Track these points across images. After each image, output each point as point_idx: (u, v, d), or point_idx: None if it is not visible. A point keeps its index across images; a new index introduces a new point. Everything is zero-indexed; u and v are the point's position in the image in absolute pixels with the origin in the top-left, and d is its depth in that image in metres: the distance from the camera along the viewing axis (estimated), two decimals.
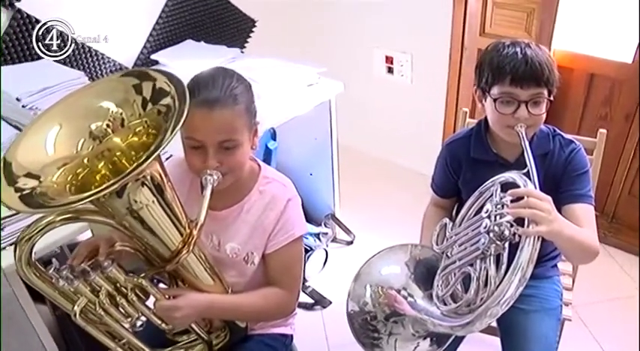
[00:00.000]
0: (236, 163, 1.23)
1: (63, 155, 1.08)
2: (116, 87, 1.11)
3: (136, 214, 1.04)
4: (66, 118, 1.10)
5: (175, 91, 1.01)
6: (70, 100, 1.14)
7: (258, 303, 1.32)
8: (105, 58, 2.37)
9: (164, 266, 1.14)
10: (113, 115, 1.09)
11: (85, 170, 1.08)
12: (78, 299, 1.13)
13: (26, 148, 1.07)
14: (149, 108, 1.05)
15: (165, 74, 1.06)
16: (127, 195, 1.01)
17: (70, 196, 1.02)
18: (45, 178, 1.03)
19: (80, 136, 1.09)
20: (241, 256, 1.34)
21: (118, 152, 1.09)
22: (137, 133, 1.07)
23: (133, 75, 1.11)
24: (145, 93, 1.06)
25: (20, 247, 1.08)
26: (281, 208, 1.32)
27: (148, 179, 1.02)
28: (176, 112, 0.98)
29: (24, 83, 1.96)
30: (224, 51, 2.47)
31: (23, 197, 0.97)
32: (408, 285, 1.43)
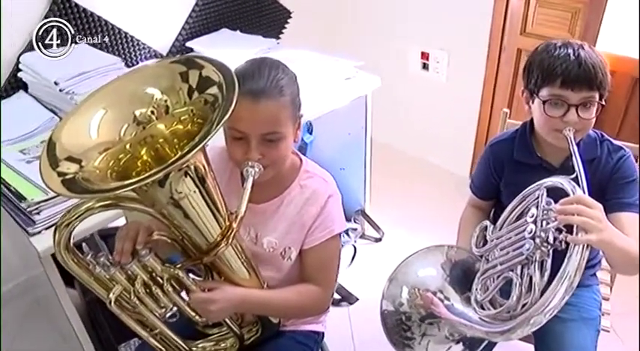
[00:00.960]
0: (279, 156, 1.21)
1: (106, 140, 1.06)
2: (162, 73, 1.09)
3: (176, 203, 1.02)
4: (111, 103, 1.08)
5: (223, 81, 0.99)
6: (116, 85, 1.12)
7: (292, 299, 1.30)
8: (140, 45, 2.36)
9: (201, 258, 1.12)
10: (158, 101, 1.07)
11: (127, 156, 1.06)
12: (113, 286, 1.13)
13: (70, 130, 1.06)
14: (195, 97, 1.03)
15: (214, 63, 1.04)
16: (169, 184, 0.99)
17: (111, 182, 1.00)
18: (87, 162, 1.02)
19: (124, 121, 1.07)
20: (278, 251, 1.32)
21: (161, 139, 1.07)
22: (182, 121, 1.05)
23: (180, 62, 1.09)
24: (191, 81, 1.04)
25: (59, 232, 1.07)
26: (321, 204, 1.29)
27: (191, 169, 1.00)
28: (223, 103, 0.95)
29: (61, 67, 1.96)
30: (260, 41, 2.45)
31: (66, 181, 0.95)
32: (444, 287, 1.40)
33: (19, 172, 1.62)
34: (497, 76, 2.67)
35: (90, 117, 1.07)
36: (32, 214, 1.50)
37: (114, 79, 1.13)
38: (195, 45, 2.44)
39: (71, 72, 1.92)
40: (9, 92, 2.10)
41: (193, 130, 1.03)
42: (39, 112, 1.96)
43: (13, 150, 1.75)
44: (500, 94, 2.68)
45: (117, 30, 2.27)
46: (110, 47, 2.28)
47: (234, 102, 0.94)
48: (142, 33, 2.35)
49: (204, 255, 1.11)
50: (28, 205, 1.50)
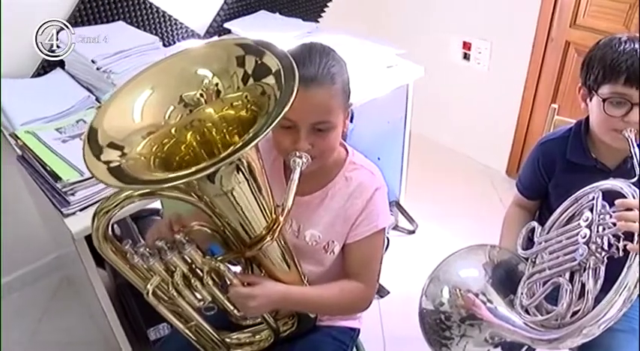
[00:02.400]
0: (327, 147, 1.16)
1: (150, 123, 1.02)
2: (216, 55, 1.03)
3: (224, 195, 0.98)
4: (158, 83, 1.04)
5: (282, 71, 0.93)
6: (165, 64, 1.07)
7: (334, 296, 1.26)
8: (178, 24, 2.33)
9: (243, 252, 1.08)
10: (208, 84, 1.02)
11: (172, 140, 1.02)
12: (151, 277, 1.10)
13: (113, 113, 1.01)
14: (250, 83, 0.98)
15: (274, 51, 0.97)
16: (219, 177, 0.95)
17: (154, 169, 0.96)
18: (130, 149, 0.97)
19: (170, 103, 1.03)
20: (321, 245, 1.27)
21: (209, 123, 1.02)
22: (234, 106, 0.99)
23: (238, 45, 1.03)
24: (247, 66, 0.98)
25: (98, 219, 1.04)
26: (367, 197, 1.24)
27: (243, 162, 0.96)
28: (281, 94, 0.89)
29: (99, 45, 1.93)
30: (299, 24, 2.39)
31: (112, 170, 0.91)
32: (486, 289, 1.36)
33: (55, 151, 1.59)
34: (541, 69, 2.58)
35: (134, 98, 1.02)
36: (67, 195, 1.47)
37: (163, 58, 1.08)
38: (233, 26, 2.40)
39: (109, 50, 1.89)
40: (46, 69, 2.08)
41: (246, 117, 0.98)
42: (75, 90, 1.94)
43: (49, 128, 1.72)
44: (544, 88, 2.59)
45: (155, 9, 2.24)
46: (148, 26, 2.25)
47: (294, 94, 0.88)
48: (180, 12, 2.32)
49: (247, 249, 1.07)
50: (63, 185, 1.47)
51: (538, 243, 1.33)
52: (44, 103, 1.85)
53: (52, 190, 1.52)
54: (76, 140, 1.66)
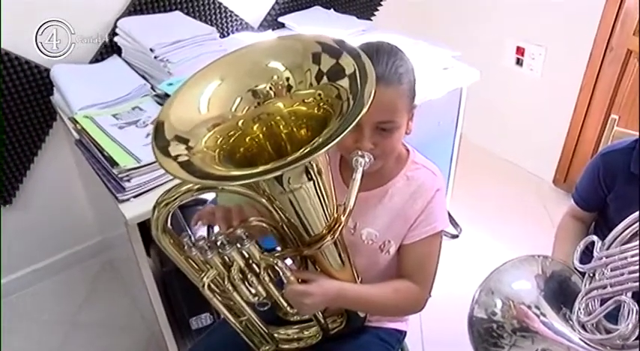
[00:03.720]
0: (390, 147, 1.15)
1: (216, 115, 1.01)
2: (292, 49, 1.02)
3: (288, 194, 0.97)
4: (228, 74, 1.03)
5: (358, 75, 0.91)
6: (236, 55, 1.06)
7: (389, 297, 1.24)
8: (233, 16, 2.33)
9: (302, 250, 1.07)
10: (278, 78, 1.01)
11: (237, 133, 1.01)
12: (206, 269, 1.10)
13: (180, 104, 1.01)
14: (324, 82, 0.96)
15: (353, 54, 0.95)
16: (287, 177, 0.94)
17: (218, 162, 0.95)
18: (195, 142, 0.96)
19: (237, 95, 1.02)
20: (377, 244, 1.26)
21: (278, 117, 1.01)
22: (306, 103, 0.98)
23: (317, 41, 1.01)
24: (323, 65, 0.97)
25: (159, 210, 1.04)
26: (428, 198, 1.23)
27: (312, 163, 0.95)
28: (357, 99, 0.87)
29: (157, 34, 1.94)
30: (354, 22, 2.38)
31: (182, 165, 0.90)
32: (539, 302, 1.33)
33: (112, 137, 1.61)
34: (597, 78, 2.51)
35: (202, 89, 1.02)
36: (123, 181, 1.48)
37: (238, 48, 1.07)
38: (288, 20, 2.40)
39: (167, 40, 1.90)
40: (104, 56, 2.11)
41: (317, 115, 0.96)
42: (131, 78, 1.96)
43: (106, 114, 1.74)
44: (600, 97, 2.52)
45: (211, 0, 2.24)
46: (203, 16, 2.26)
47: (372, 99, 0.86)
48: (235, 4, 2.32)
49: (305, 247, 1.06)
50: (119, 171, 1.48)
51: (598, 258, 1.29)
52: (101, 89, 1.87)
53: (107, 176, 1.53)
54: (132, 127, 1.67)
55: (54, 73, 1.97)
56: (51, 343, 2.16)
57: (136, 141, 1.59)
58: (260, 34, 2.38)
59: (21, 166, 2.14)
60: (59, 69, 1.98)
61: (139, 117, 1.72)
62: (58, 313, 2.29)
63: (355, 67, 0.92)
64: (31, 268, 2.37)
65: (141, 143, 1.58)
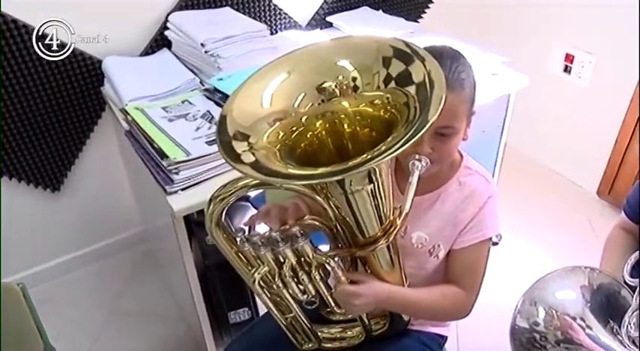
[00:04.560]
0: (448, 152, 1.15)
1: (279, 109, 1.01)
2: (363, 50, 1.01)
3: (347, 195, 0.97)
4: (295, 69, 1.03)
5: (428, 85, 0.90)
6: (305, 51, 1.06)
7: (437, 301, 1.23)
8: (282, 14, 2.35)
9: (354, 251, 1.07)
10: (345, 78, 1.00)
11: (300, 129, 1.01)
12: (257, 265, 1.10)
13: (244, 98, 1.02)
14: (391, 86, 0.96)
15: (426, 62, 0.93)
16: (348, 179, 0.94)
17: (279, 158, 0.95)
18: (256, 138, 0.97)
19: (302, 91, 1.02)
20: (427, 248, 1.25)
21: (342, 115, 1.01)
22: (374, 104, 0.98)
23: (390, 44, 1.00)
24: (392, 69, 0.96)
25: (214, 205, 1.05)
26: (480, 204, 1.22)
27: (374, 168, 0.95)
28: (426, 106, 0.86)
29: (208, 29, 1.96)
30: (402, 24, 2.37)
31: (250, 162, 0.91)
32: (585, 314, 1.30)
33: (162, 129, 1.63)
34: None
35: (267, 83, 1.02)
36: (171, 174, 1.50)
37: (309, 44, 1.08)
38: (336, 20, 2.40)
39: (218, 35, 1.92)
40: (154, 49, 2.14)
41: (383, 118, 0.96)
42: (181, 71, 1.98)
43: (156, 106, 1.76)
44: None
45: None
46: (252, 13, 2.27)
47: (440, 110, 0.85)
48: (284, 2, 2.34)
49: (359, 248, 1.06)
50: (169, 163, 1.50)
51: None
52: (151, 81, 1.90)
53: (156, 167, 1.55)
54: (182, 120, 1.69)
55: (106, 64, 2.00)
56: (90, 328, 2.20)
57: (186, 134, 1.61)
58: (308, 32, 2.39)
59: (70, 155, 2.19)
60: (111, 61, 2.01)
61: (189, 110, 1.74)
62: (98, 300, 2.33)
63: (426, 74, 0.91)
64: (74, 254, 2.43)
65: (190, 137, 1.60)
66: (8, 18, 1.81)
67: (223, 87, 1.79)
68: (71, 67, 2.02)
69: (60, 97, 2.05)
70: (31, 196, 2.20)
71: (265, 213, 1.10)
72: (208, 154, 1.52)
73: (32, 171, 2.14)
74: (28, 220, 2.25)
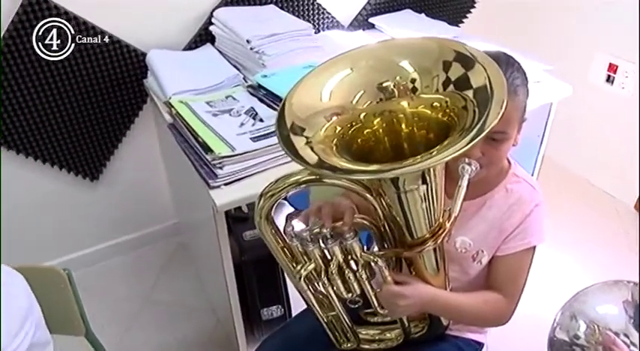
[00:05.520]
0: (498, 158, 1.15)
1: (337, 104, 1.02)
2: (426, 52, 1.01)
3: (399, 195, 0.97)
4: (358, 65, 1.04)
5: (489, 90, 0.89)
6: (370, 48, 1.07)
7: (478, 307, 1.23)
8: (325, 13, 2.35)
9: (401, 252, 1.08)
10: (402, 79, 1.00)
11: (358, 125, 1.01)
12: (303, 261, 1.11)
13: (305, 90, 1.03)
14: (449, 89, 0.96)
15: (487, 68, 0.93)
16: (402, 179, 0.94)
17: (335, 153, 0.95)
18: (312, 131, 0.97)
19: (361, 88, 1.02)
20: (470, 253, 1.25)
21: (401, 115, 1.02)
22: (433, 107, 0.98)
23: (453, 49, 0.99)
24: (451, 73, 0.96)
25: (264, 200, 1.06)
26: (526, 212, 1.22)
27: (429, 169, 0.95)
28: (485, 115, 0.86)
29: (253, 26, 1.97)
30: (445, 28, 2.36)
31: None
32: (629, 330, 1.29)
33: (207, 124, 1.64)
34: None
35: (328, 78, 1.03)
36: (215, 168, 1.51)
37: (374, 43, 1.09)
38: (378, 21, 2.40)
39: (263, 32, 1.93)
40: (197, 44, 2.16)
41: (441, 121, 0.96)
42: (224, 67, 1.99)
43: (200, 100, 1.78)
44: None
45: None
46: (296, 11, 2.28)
47: (500, 115, 0.85)
48: (328, 2, 2.34)
49: (405, 249, 1.06)
50: (213, 158, 1.51)
51: None
52: (195, 76, 1.92)
53: (199, 161, 1.56)
54: (226, 115, 1.70)
55: (150, 57, 2.03)
56: (122, 317, 2.23)
57: (230, 129, 1.62)
58: (350, 33, 2.39)
59: (110, 145, 2.22)
60: (155, 54, 2.04)
61: (233, 106, 1.75)
62: (131, 289, 2.36)
63: (486, 79, 0.90)
64: (108, 243, 2.46)
65: (235, 132, 1.61)
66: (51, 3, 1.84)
67: (267, 84, 1.80)
68: (116, 58, 2.05)
69: (104, 88, 2.08)
70: (70, 183, 2.24)
71: (317, 210, 1.10)
72: (253, 150, 1.53)
73: (73, 159, 2.17)
74: (67, 208, 2.29)
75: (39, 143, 2.07)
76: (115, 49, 2.02)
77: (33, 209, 2.21)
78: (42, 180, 2.16)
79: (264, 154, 1.56)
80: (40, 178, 2.16)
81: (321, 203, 1.11)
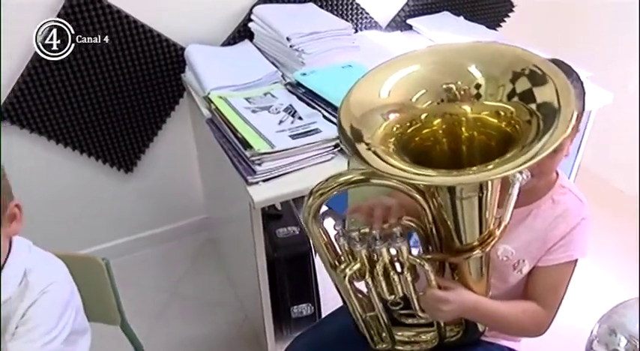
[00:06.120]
0: (550, 167, 1.15)
1: (396, 102, 1.00)
2: (496, 59, 0.99)
3: (453, 201, 0.96)
4: (424, 64, 1.03)
5: (556, 106, 0.86)
6: (440, 48, 1.07)
7: (517, 316, 1.21)
8: (364, 13, 2.35)
9: (447, 257, 1.07)
10: (464, 83, 0.99)
11: (417, 125, 1.00)
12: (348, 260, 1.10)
13: (366, 85, 1.01)
14: (514, 100, 0.94)
15: (557, 82, 0.90)
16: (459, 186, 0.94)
17: (393, 153, 0.93)
18: (370, 131, 0.95)
19: (423, 87, 1.01)
20: (511, 262, 1.24)
21: (462, 119, 1.00)
22: (498, 115, 0.96)
23: (525, 59, 0.96)
24: (517, 86, 0.94)
25: (313, 198, 1.05)
26: (572, 225, 1.20)
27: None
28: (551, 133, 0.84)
29: (293, 24, 1.97)
30: (484, 31, 2.34)
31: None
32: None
33: (246, 120, 1.64)
34: None
35: (390, 74, 1.01)
36: (254, 164, 1.51)
37: (445, 43, 1.10)
38: (416, 23, 2.39)
39: (303, 30, 1.93)
40: (236, 40, 2.17)
41: (503, 129, 0.95)
42: (263, 64, 2.00)
43: (238, 97, 1.78)
44: None
45: None
46: (335, 10, 2.28)
47: (569, 129, 0.82)
48: (367, 1, 2.33)
49: (452, 254, 1.05)
50: (252, 154, 1.51)
51: None
52: (233, 71, 1.93)
53: (238, 157, 1.57)
54: (265, 112, 1.71)
55: (189, 52, 2.04)
56: (150, 310, 2.24)
57: (269, 126, 1.62)
58: (388, 34, 2.38)
59: (146, 138, 2.24)
60: (194, 49, 2.05)
61: (271, 103, 1.75)
62: (158, 283, 2.38)
63: (555, 94, 0.88)
64: (139, 235, 2.48)
65: (274, 129, 1.61)
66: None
67: (307, 82, 1.80)
68: (155, 52, 2.06)
69: (142, 82, 2.10)
70: (105, 174, 2.26)
71: (369, 210, 1.10)
72: (292, 147, 1.54)
73: (109, 150, 2.20)
74: (99, 199, 2.31)
75: (77, 133, 2.09)
76: (155, 42, 2.03)
77: (66, 198, 2.24)
78: (77, 169, 2.19)
79: (303, 152, 1.56)
80: (76, 167, 2.19)
81: (372, 203, 1.11)
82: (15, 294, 1.09)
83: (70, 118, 2.04)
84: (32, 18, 1.82)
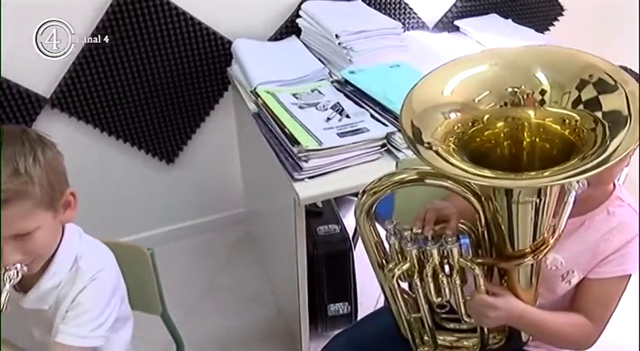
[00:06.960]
0: (608, 176, 1.11)
1: (458, 100, 0.99)
2: (565, 66, 0.97)
3: (509, 205, 0.95)
4: (491, 65, 1.01)
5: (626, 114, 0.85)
6: (509, 51, 1.04)
7: (564, 328, 1.19)
8: (412, 14, 2.33)
9: (497, 262, 1.06)
10: (534, 88, 0.97)
11: (479, 126, 0.99)
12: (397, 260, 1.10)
13: (431, 81, 1.01)
14: (579, 108, 0.92)
15: (628, 91, 0.88)
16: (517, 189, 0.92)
17: (453, 153, 0.92)
18: (430, 129, 0.95)
19: (488, 88, 0.99)
20: (560, 272, 1.21)
21: (525, 123, 0.99)
22: (562, 122, 0.94)
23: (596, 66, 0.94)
24: (583, 94, 0.92)
25: (367, 196, 1.06)
26: (627, 238, 1.16)
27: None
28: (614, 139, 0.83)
29: (342, 21, 1.97)
30: (532, 35, 2.29)
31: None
32: None
33: (294, 116, 1.64)
34: None
35: (455, 72, 1.01)
36: (301, 161, 1.51)
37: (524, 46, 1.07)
38: (464, 25, 2.36)
39: (352, 28, 1.92)
40: (283, 35, 2.17)
41: (567, 137, 0.93)
42: (310, 60, 2.00)
43: (286, 92, 1.79)
44: None
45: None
46: (383, 9, 2.26)
47: (638, 142, 0.81)
48: (414, 1, 2.31)
49: (503, 260, 1.04)
50: (299, 150, 1.51)
51: None
52: (281, 67, 1.93)
53: (284, 153, 1.56)
54: (312, 109, 1.70)
55: (236, 46, 2.04)
56: (186, 300, 2.26)
57: (317, 123, 1.62)
58: (436, 35, 2.35)
59: (189, 130, 2.26)
60: (241, 43, 2.05)
61: (319, 100, 1.75)
62: (194, 274, 2.39)
63: (626, 103, 0.86)
64: (177, 225, 2.51)
65: (321, 126, 1.61)
66: None
67: (355, 80, 1.79)
68: (202, 45, 2.08)
69: (188, 74, 2.12)
70: (147, 165, 2.29)
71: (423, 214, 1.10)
72: (340, 145, 1.53)
73: (152, 141, 2.22)
74: (140, 188, 2.34)
75: (122, 123, 2.12)
76: (202, 35, 2.05)
77: (107, 186, 2.28)
78: (120, 158, 2.23)
79: (350, 151, 1.55)
80: (119, 156, 2.22)
81: (428, 207, 1.11)
82: (66, 279, 1.11)
83: (117, 107, 2.07)
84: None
